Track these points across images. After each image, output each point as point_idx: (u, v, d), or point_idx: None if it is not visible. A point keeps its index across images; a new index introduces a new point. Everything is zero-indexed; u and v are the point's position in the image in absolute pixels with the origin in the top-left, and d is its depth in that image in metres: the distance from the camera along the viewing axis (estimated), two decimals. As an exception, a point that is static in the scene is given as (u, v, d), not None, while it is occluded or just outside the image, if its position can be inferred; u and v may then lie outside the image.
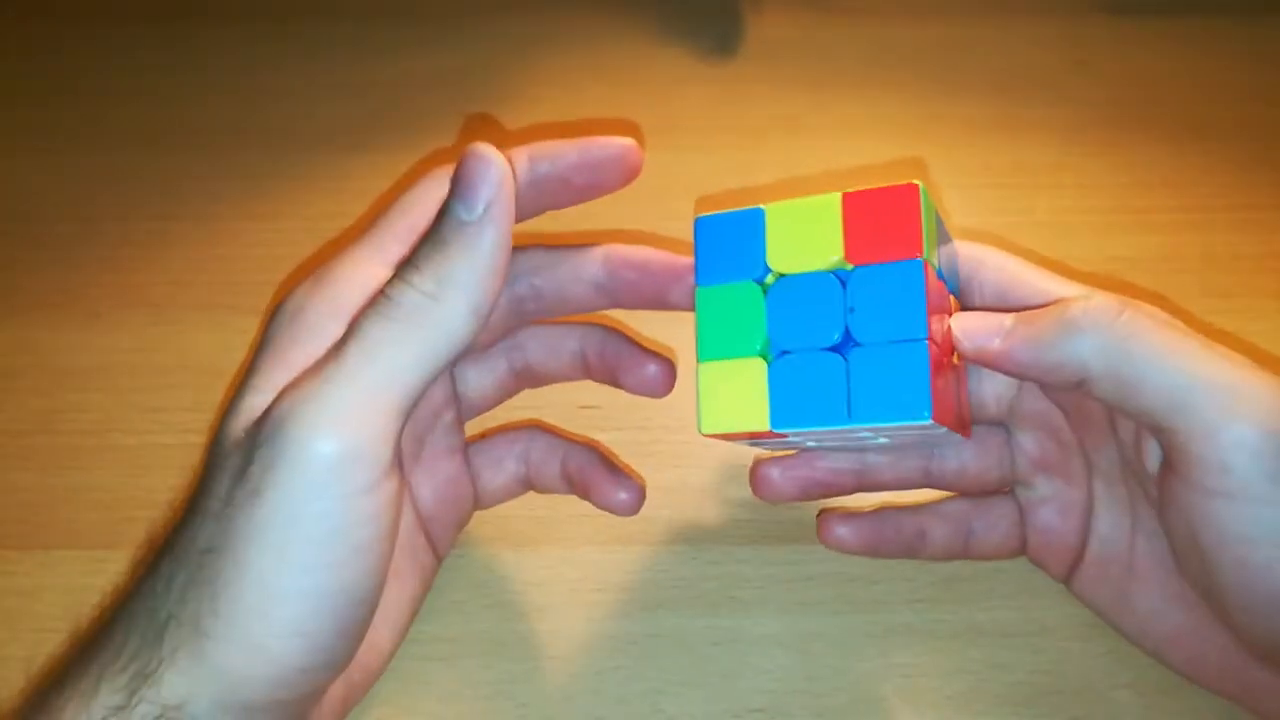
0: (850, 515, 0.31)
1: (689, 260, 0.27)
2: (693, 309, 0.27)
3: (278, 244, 0.40)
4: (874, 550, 0.31)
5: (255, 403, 0.23)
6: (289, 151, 0.43)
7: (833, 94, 0.45)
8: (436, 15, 0.48)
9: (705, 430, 0.26)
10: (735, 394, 0.25)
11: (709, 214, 0.27)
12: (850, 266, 0.25)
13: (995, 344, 0.25)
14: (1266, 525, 0.22)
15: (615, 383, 0.30)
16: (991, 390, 0.30)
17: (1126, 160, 0.43)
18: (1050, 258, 0.38)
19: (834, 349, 0.25)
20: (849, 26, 0.48)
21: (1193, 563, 0.25)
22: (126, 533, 0.33)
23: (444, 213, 0.23)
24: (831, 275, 0.25)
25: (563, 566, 0.33)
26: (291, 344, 0.24)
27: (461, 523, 0.31)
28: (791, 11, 0.48)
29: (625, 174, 0.27)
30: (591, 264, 0.28)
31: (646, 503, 0.30)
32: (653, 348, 0.30)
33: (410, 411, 0.23)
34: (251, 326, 0.38)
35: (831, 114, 0.44)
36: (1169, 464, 0.24)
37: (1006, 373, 0.26)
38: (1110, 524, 0.28)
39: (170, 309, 0.39)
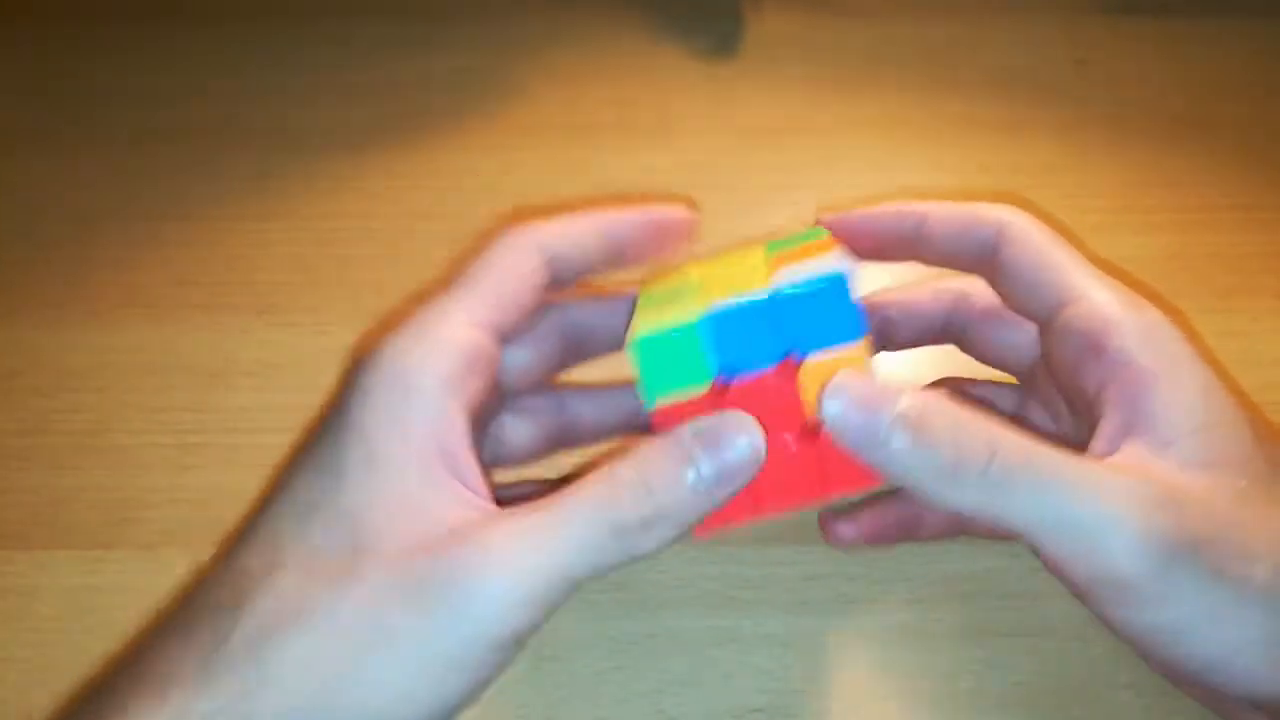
0: (849, 512, 0.31)
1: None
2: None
3: (278, 244, 0.40)
4: (876, 539, 0.31)
5: (396, 488, 0.23)
6: (289, 152, 0.43)
7: (833, 94, 0.45)
8: (437, 15, 0.48)
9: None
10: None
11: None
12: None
13: (868, 454, 0.24)
14: (1166, 623, 0.23)
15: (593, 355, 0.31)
16: (1017, 343, 0.30)
17: (1126, 160, 0.43)
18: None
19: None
20: (849, 26, 0.48)
21: (1156, 667, 0.26)
22: (126, 533, 0.33)
23: (688, 451, 0.23)
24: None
25: (563, 566, 0.33)
26: (402, 409, 0.24)
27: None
28: (791, 11, 0.48)
29: (681, 242, 0.29)
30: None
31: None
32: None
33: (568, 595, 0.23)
34: (251, 327, 0.38)
35: (831, 114, 0.44)
36: (1070, 588, 0.25)
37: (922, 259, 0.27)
38: None
39: (170, 309, 0.39)
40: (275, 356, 0.37)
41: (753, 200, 0.42)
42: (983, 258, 0.28)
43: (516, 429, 0.30)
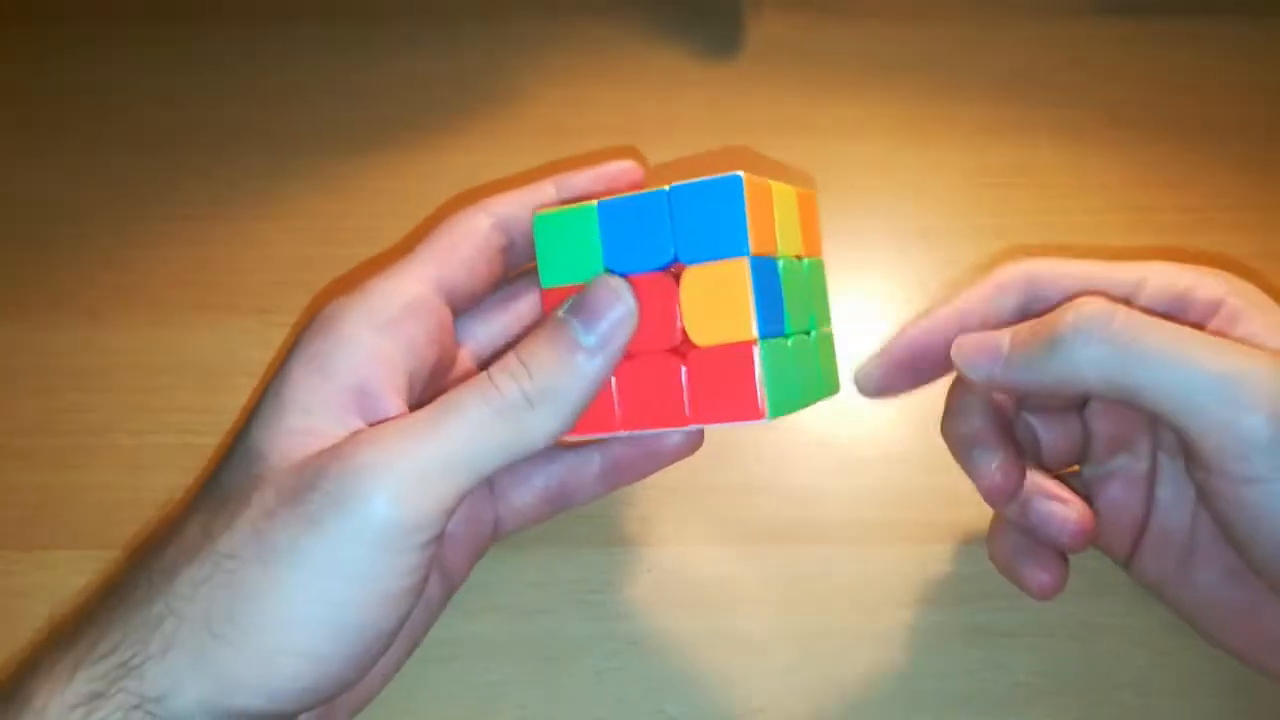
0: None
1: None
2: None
3: (278, 244, 0.40)
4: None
5: (301, 423, 0.23)
6: (289, 152, 0.43)
7: (833, 94, 0.45)
8: (437, 16, 0.48)
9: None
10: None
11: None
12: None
13: (997, 371, 0.25)
14: None
15: None
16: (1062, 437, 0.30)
17: (1126, 160, 0.43)
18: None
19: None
20: (849, 26, 0.48)
21: (1232, 542, 0.25)
22: (126, 533, 0.33)
23: (564, 326, 0.24)
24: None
25: (563, 566, 0.33)
26: (326, 354, 0.24)
27: (480, 550, 0.30)
28: (791, 11, 0.48)
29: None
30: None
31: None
32: None
33: (469, 492, 0.23)
34: (252, 326, 0.38)
35: (831, 114, 0.44)
36: (1189, 454, 0.25)
37: (1016, 394, 0.26)
38: (1172, 494, 0.28)
39: (170, 309, 0.39)
40: (274, 356, 0.37)
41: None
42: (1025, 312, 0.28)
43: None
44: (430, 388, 0.27)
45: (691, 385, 0.25)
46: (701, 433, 0.29)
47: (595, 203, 0.25)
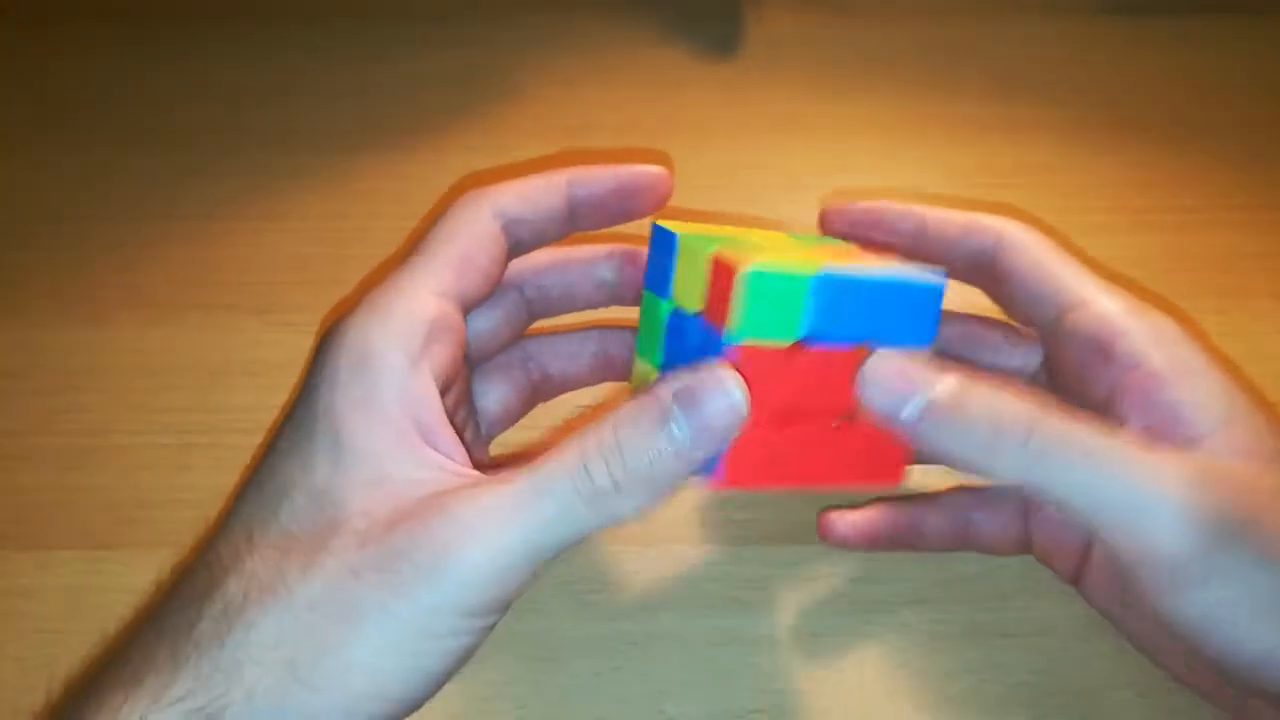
0: (849, 512, 0.31)
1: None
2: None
3: (278, 244, 0.40)
4: (874, 545, 0.31)
5: (374, 472, 0.23)
6: (289, 152, 0.43)
7: (833, 94, 0.45)
8: (437, 15, 0.48)
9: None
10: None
11: (662, 223, 0.28)
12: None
13: (904, 416, 0.24)
14: (1216, 608, 0.22)
15: None
16: (1006, 370, 0.30)
17: (1126, 160, 0.43)
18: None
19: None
20: (849, 26, 0.48)
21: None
22: (126, 533, 0.33)
23: (666, 412, 0.23)
24: (695, 321, 0.26)
25: (563, 566, 0.33)
26: (372, 390, 0.24)
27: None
28: (791, 11, 0.48)
29: (657, 201, 0.28)
30: (598, 263, 0.29)
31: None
32: None
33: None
34: (251, 326, 0.38)
35: (831, 114, 0.44)
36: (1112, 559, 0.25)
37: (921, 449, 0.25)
38: None
39: (170, 309, 0.39)
40: (275, 356, 0.37)
41: (753, 200, 0.42)
42: (980, 265, 0.28)
43: (487, 394, 0.30)
44: (449, 397, 0.27)
45: (858, 449, 0.26)
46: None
47: (814, 274, 0.25)
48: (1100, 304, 0.26)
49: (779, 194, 0.42)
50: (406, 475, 0.23)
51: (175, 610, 0.23)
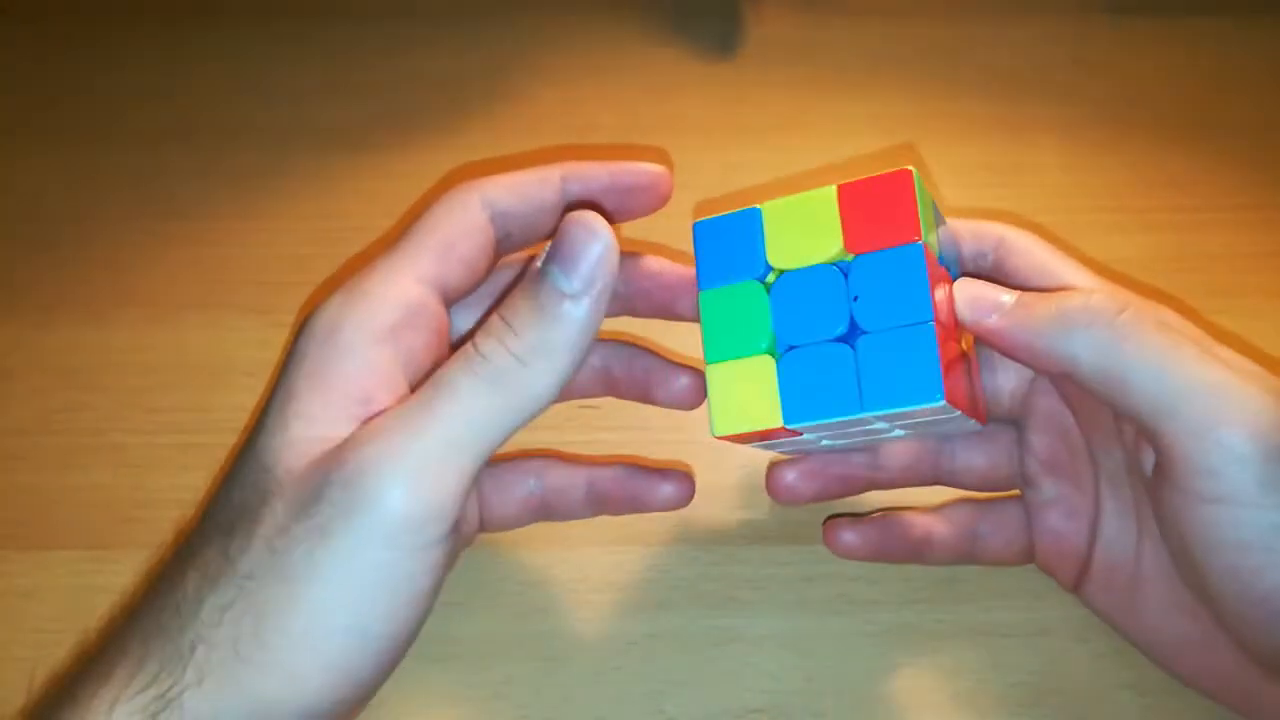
0: (856, 521, 0.31)
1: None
2: (699, 319, 0.27)
3: (277, 244, 0.40)
4: (880, 556, 0.31)
5: (306, 433, 0.23)
6: (288, 152, 0.43)
7: (833, 94, 0.45)
8: (436, 15, 0.48)
9: (718, 432, 0.26)
10: (746, 393, 0.25)
11: (707, 218, 0.27)
12: (851, 256, 0.25)
13: (992, 320, 0.25)
14: (1257, 530, 0.22)
15: (645, 397, 0.30)
16: (1005, 383, 0.30)
17: (1126, 160, 0.43)
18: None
19: (841, 339, 0.25)
20: (849, 26, 0.48)
21: (1186, 569, 0.25)
22: (126, 533, 0.33)
23: (543, 276, 0.23)
24: (833, 267, 0.25)
25: (563, 566, 0.33)
26: (328, 364, 0.23)
27: (461, 547, 0.30)
28: (791, 11, 0.48)
29: (655, 201, 0.28)
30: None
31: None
32: (675, 359, 0.30)
33: (480, 471, 0.23)
34: (250, 326, 0.38)
35: (831, 113, 0.44)
36: (1160, 468, 0.24)
37: (999, 350, 0.26)
38: (1116, 529, 0.28)
39: (169, 309, 0.39)
40: (275, 356, 0.37)
41: (752, 200, 0.41)
42: (982, 270, 0.28)
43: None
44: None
45: (962, 384, 0.26)
46: (692, 489, 0.30)
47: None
48: (1095, 294, 0.27)
49: (779, 194, 0.42)
50: (338, 434, 0.23)
51: (147, 604, 0.23)
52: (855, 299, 0.25)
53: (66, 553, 0.33)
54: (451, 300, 0.27)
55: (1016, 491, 0.31)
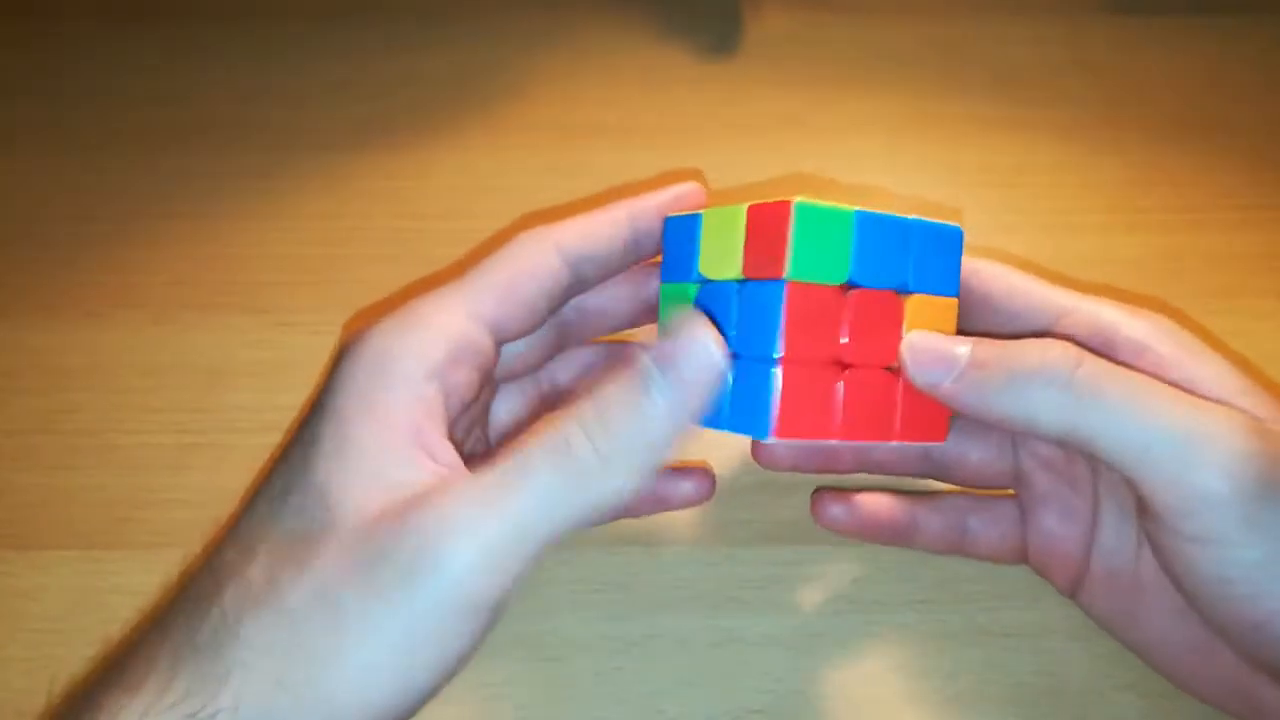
0: (845, 495, 0.31)
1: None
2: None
3: (277, 244, 0.40)
4: (866, 533, 0.31)
5: (364, 466, 0.22)
6: (288, 151, 0.43)
7: (833, 93, 0.45)
8: (436, 15, 0.48)
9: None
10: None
11: (675, 214, 0.28)
12: (743, 279, 0.25)
13: (945, 386, 0.25)
14: (1241, 567, 0.22)
15: (661, 507, 0.31)
16: (993, 453, 0.30)
17: (1126, 160, 0.43)
18: (1051, 259, 0.38)
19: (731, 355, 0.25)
20: (849, 26, 0.48)
21: (1181, 594, 0.25)
22: (125, 533, 0.33)
23: (647, 378, 0.22)
24: (733, 285, 0.26)
25: (563, 567, 0.33)
26: (381, 392, 0.23)
27: None
28: (791, 11, 0.48)
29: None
30: (639, 284, 0.30)
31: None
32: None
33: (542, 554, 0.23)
34: (250, 326, 0.38)
35: (831, 113, 0.44)
36: (1141, 507, 0.24)
37: (955, 410, 0.25)
38: (1115, 535, 0.28)
39: (169, 309, 0.39)
40: (274, 356, 0.37)
41: (752, 200, 0.41)
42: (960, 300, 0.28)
43: (497, 405, 0.30)
44: (470, 414, 0.27)
45: (904, 406, 0.26)
46: (712, 485, 0.31)
47: (853, 210, 0.25)
48: (1091, 305, 0.27)
49: (779, 194, 0.42)
50: (402, 477, 0.23)
51: (179, 615, 0.23)
52: (737, 323, 0.25)
53: (66, 553, 0.33)
54: (505, 340, 0.26)
55: (1011, 491, 0.31)
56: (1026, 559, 0.30)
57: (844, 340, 0.25)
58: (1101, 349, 0.26)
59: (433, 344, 0.24)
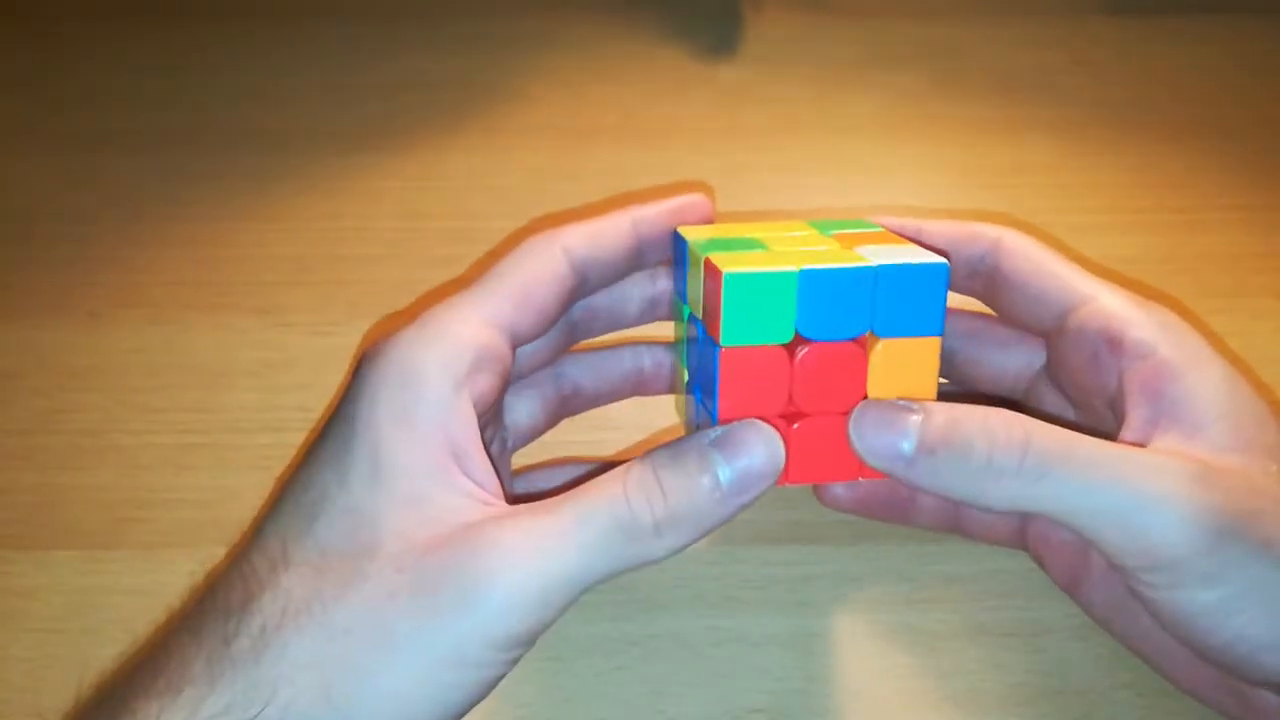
0: None
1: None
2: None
3: (278, 244, 0.40)
4: (866, 509, 0.31)
5: (409, 490, 0.23)
6: (289, 152, 0.43)
7: (833, 94, 0.45)
8: (436, 15, 0.48)
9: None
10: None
11: (682, 229, 0.28)
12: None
13: (899, 469, 0.24)
14: (1201, 606, 0.23)
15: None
16: (1009, 364, 0.30)
17: (1126, 160, 0.43)
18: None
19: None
20: (849, 26, 0.48)
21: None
22: (126, 533, 0.33)
23: (708, 458, 0.23)
24: (699, 326, 0.26)
25: (563, 566, 0.33)
26: (413, 407, 0.24)
27: None
28: (791, 11, 0.48)
29: (703, 223, 0.29)
30: (646, 283, 0.30)
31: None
32: None
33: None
34: (251, 327, 0.38)
35: (831, 114, 0.44)
36: (1111, 565, 0.25)
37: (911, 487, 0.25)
38: None
39: (170, 309, 0.39)
40: (275, 356, 0.37)
41: (752, 200, 0.42)
42: (978, 273, 0.28)
43: (516, 408, 0.30)
44: (488, 424, 0.27)
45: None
46: None
47: (797, 270, 0.24)
48: (1107, 298, 0.27)
49: (779, 194, 0.42)
50: (443, 500, 0.23)
51: (211, 621, 0.23)
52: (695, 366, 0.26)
53: (67, 553, 0.33)
54: (520, 343, 0.27)
55: None
56: (1025, 544, 0.30)
57: (794, 394, 0.25)
58: (1108, 347, 0.26)
59: (457, 354, 0.24)
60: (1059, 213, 0.41)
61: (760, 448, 0.23)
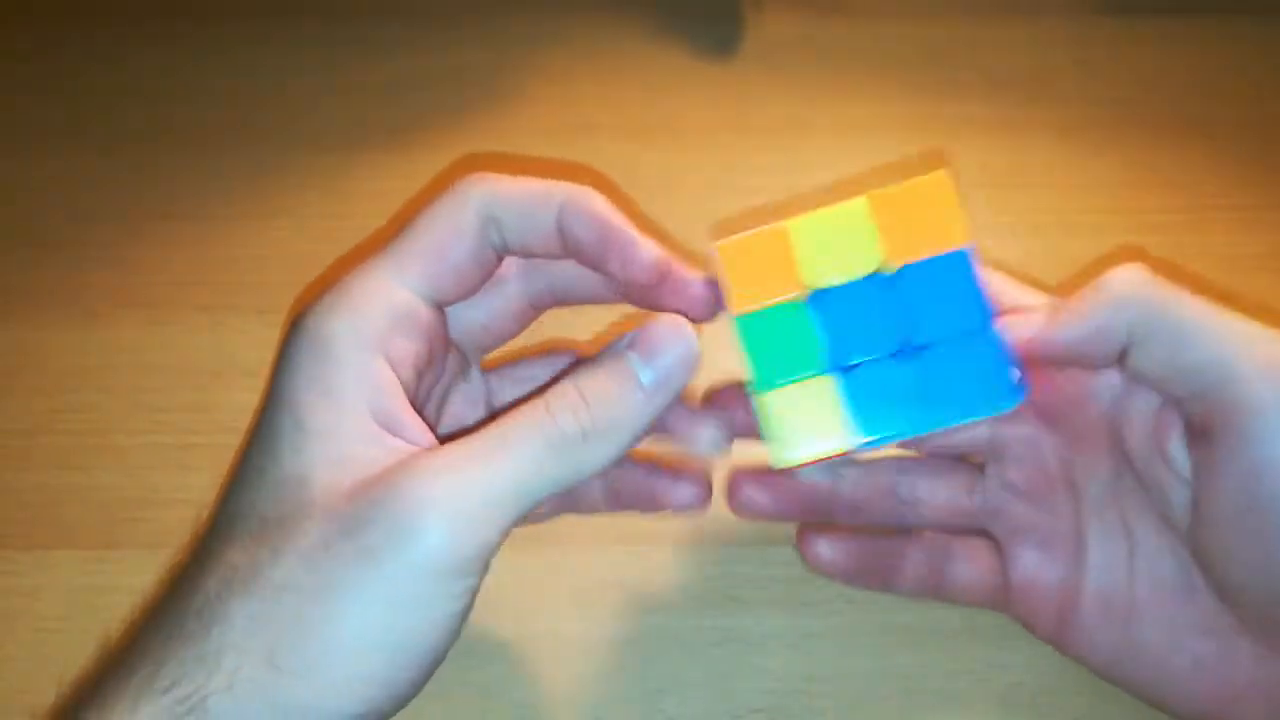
0: (831, 531, 0.30)
1: (701, 276, 0.26)
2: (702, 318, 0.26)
3: (277, 244, 0.40)
4: (849, 575, 0.30)
5: (331, 450, 0.23)
6: (288, 151, 0.43)
7: (833, 94, 0.45)
8: (436, 15, 0.48)
9: (781, 465, 0.25)
10: (807, 419, 0.25)
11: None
12: (893, 268, 0.25)
13: (1042, 327, 0.25)
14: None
15: (652, 506, 0.30)
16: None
17: (1126, 160, 0.43)
18: (1048, 260, 0.38)
19: (902, 353, 0.25)
20: (849, 26, 0.48)
21: (1240, 531, 0.24)
22: (126, 533, 0.33)
23: (625, 360, 0.24)
24: (876, 279, 0.25)
25: (563, 566, 0.33)
26: (326, 375, 0.24)
27: None
28: (791, 11, 0.48)
29: (647, 288, 0.27)
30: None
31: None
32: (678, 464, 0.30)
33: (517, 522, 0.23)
34: (251, 327, 0.38)
35: (832, 114, 0.44)
36: (1210, 433, 0.24)
37: (1053, 360, 0.26)
38: (1104, 553, 0.28)
39: (170, 309, 0.39)
40: (274, 356, 0.37)
41: (752, 201, 0.42)
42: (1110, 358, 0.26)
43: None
44: (426, 382, 0.27)
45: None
46: (709, 494, 0.30)
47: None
48: (1122, 268, 0.26)
49: (779, 194, 0.42)
50: (370, 456, 0.23)
51: (168, 606, 0.23)
52: (909, 311, 0.25)
53: (67, 553, 0.33)
54: (447, 302, 0.26)
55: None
56: (1007, 603, 0.30)
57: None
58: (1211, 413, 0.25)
59: (369, 318, 0.24)
60: (1059, 213, 0.41)
61: (676, 343, 0.24)
